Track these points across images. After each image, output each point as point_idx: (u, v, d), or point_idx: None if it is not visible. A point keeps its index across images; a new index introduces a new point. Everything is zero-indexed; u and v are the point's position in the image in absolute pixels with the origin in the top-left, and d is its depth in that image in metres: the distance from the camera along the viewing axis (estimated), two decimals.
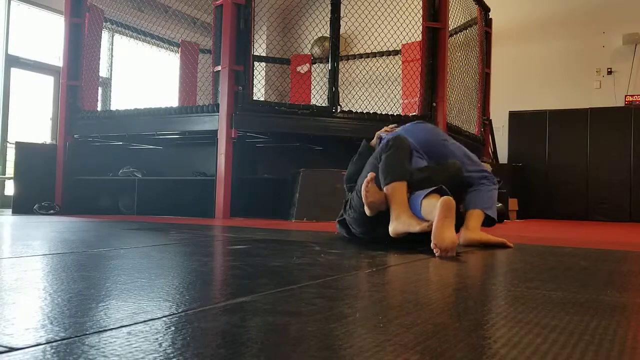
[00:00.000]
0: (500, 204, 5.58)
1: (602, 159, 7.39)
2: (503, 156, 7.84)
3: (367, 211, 2.47)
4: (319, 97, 7.10)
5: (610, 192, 7.31)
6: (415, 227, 2.21)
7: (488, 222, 2.59)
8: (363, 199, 2.45)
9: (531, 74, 7.95)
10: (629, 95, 7.43)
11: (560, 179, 7.53)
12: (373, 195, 2.42)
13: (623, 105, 7.43)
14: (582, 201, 7.45)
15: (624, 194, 7.26)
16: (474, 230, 2.53)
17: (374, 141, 3.05)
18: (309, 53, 8.35)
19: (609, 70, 7.62)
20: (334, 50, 5.29)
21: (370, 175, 2.42)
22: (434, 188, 2.26)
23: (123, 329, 0.84)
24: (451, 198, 2.15)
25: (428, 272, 1.71)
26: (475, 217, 2.55)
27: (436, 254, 2.05)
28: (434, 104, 5.50)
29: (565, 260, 2.09)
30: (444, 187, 2.27)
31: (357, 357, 0.74)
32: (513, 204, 6.71)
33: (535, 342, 0.84)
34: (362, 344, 0.80)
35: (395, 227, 2.31)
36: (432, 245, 2.08)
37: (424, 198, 2.24)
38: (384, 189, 2.41)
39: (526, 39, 8.00)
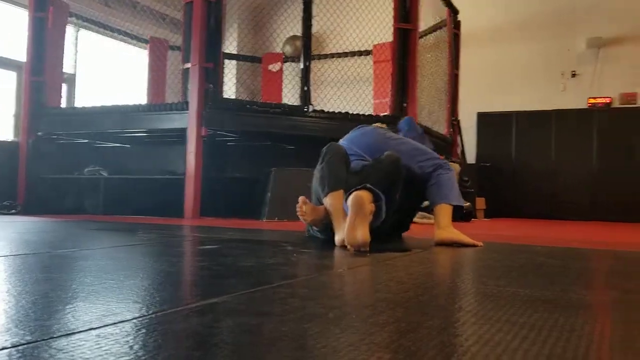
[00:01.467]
0: (468, 203, 5.68)
1: (565, 159, 7.57)
2: (471, 156, 7.96)
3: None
4: (290, 95, 7.08)
5: (573, 191, 7.49)
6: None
7: (457, 210, 2.61)
8: (302, 221, 2.46)
9: (499, 76, 8.09)
10: (592, 98, 7.63)
11: (526, 179, 7.69)
12: (311, 215, 2.43)
13: (586, 107, 7.62)
14: (546, 200, 7.62)
15: (586, 194, 7.45)
16: (446, 228, 2.55)
17: None
18: (281, 52, 8.32)
19: (573, 73, 7.80)
20: (306, 50, 5.28)
21: (301, 199, 2.42)
22: (357, 187, 2.24)
23: (92, 331, 0.82)
24: (361, 194, 2.15)
25: (399, 271, 1.72)
26: (444, 213, 2.56)
27: (350, 251, 2.10)
28: (405, 105, 5.54)
29: (533, 258, 2.13)
30: (367, 185, 2.26)
31: (331, 357, 0.73)
32: (481, 202, 6.81)
33: (506, 339, 0.85)
34: (336, 343, 0.80)
35: (337, 238, 2.30)
36: (346, 243, 2.12)
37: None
38: (323, 201, 2.41)
39: (494, 42, 8.13)
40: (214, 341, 0.80)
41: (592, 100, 7.61)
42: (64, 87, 6.34)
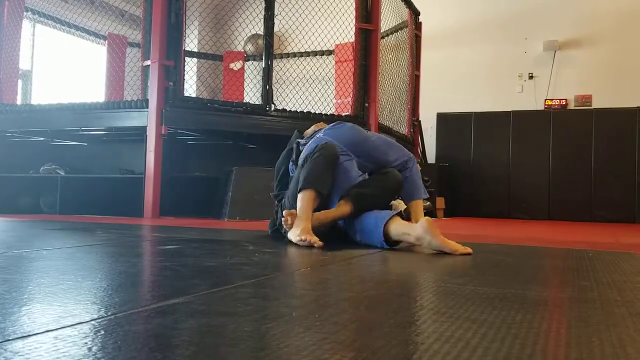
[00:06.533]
0: (428, 203, 5.76)
1: (523, 159, 7.76)
2: (431, 156, 8.08)
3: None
4: (252, 94, 7.03)
5: (530, 191, 7.68)
6: (303, 237, 2.28)
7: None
8: (286, 228, 2.50)
9: (458, 77, 8.23)
10: (548, 99, 7.84)
11: (484, 178, 7.85)
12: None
13: (543, 108, 7.83)
14: (504, 200, 7.79)
15: (543, 193, 7.65)
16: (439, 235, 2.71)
17: (310, 130, 3.07)
18: (242, 50, 8.27)
19: (530, 75, 8.00)
20: (268, 48, 5.26)
21: (286, 212, 2.48)
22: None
23: (49, 333, 0.80)
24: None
25: (361, 270, 1.74)
26: (420, 209, 2.74)
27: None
28: (366, 105, 5.58)
29: (491, 257, 2.18)
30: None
31: (295, 357, 0.73)
32: (440, 202, 6.92)
33: (466, 337, 0.86)
34: (299, 343, 0.80)
35: (292, 236, 2.36)
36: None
37: (387, 223, 2.27)
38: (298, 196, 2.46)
39: (454, 43, 8.27)
40: (175, 342, 0.79)
41: (549, 102, 7.82)
42: (20, 83, 6.15)
